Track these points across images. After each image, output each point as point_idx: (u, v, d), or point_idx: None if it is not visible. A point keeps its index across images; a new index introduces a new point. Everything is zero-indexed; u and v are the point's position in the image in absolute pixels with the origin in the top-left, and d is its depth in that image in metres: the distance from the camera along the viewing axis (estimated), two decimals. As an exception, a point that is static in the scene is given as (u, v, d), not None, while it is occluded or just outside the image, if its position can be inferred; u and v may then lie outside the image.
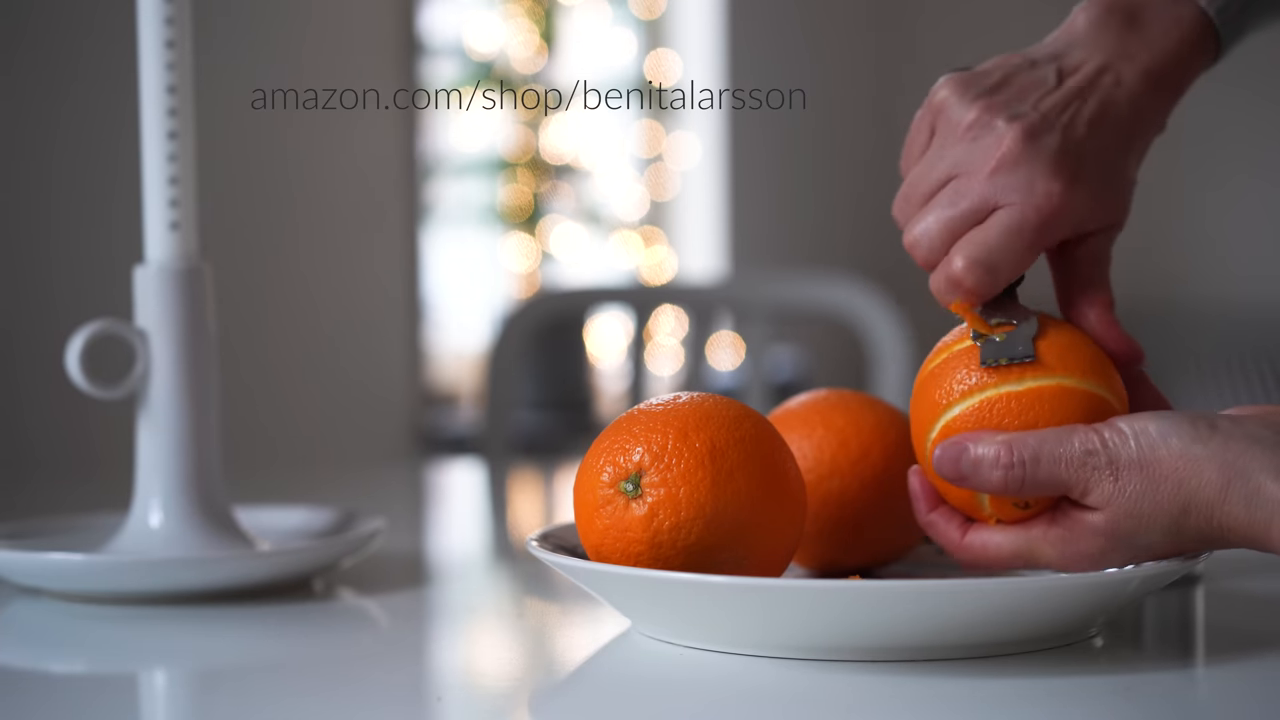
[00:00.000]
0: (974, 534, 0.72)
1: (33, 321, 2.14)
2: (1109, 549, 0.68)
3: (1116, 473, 0.67)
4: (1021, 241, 0.71)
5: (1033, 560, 0.71)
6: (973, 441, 0.69)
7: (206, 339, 0.88)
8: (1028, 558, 0.71)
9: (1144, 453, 0.67)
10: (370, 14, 2.87)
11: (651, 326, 2.10)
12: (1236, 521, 0.66)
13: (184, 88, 0.87)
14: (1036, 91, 0.74)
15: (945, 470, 0.70)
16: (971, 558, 0.72)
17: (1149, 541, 0.68)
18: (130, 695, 0.70)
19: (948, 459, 0.70)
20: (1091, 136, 0.73)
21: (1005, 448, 0.68)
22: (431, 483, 1.62)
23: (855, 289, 1.85)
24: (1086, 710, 0.63)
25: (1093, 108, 0.74)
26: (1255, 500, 0.65)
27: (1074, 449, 0.68)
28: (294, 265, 2.69)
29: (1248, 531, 0.66)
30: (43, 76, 2.17)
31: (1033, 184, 0.71)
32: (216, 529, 0.87)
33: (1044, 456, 0.68)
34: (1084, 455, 0.67)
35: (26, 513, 0.99)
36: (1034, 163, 0.71)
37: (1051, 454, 0.68)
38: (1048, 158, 0.72)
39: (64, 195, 2.22)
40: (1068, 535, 0.69)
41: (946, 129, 0.74)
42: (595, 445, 0.73)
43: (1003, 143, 0.72)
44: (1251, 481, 0.65)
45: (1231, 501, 0.65)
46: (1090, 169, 0.72)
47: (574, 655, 0.77)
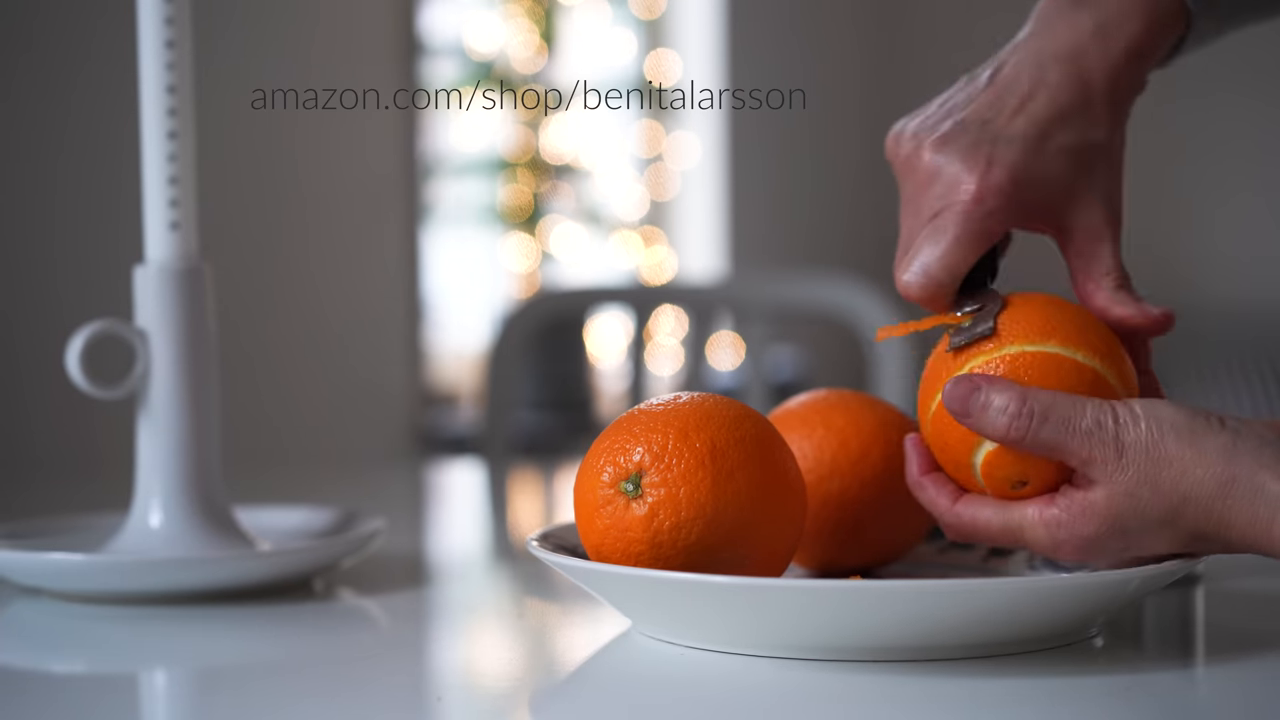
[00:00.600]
0: (965, 504, 0.72)
1: (33, 321, 2.14)
2: (1102, 535, 0.68)
3: (1122, 450, 0.67)
4: (947, 237, 0.73)
5: (1020, 539, 0.70)
6: (987, 383, 0.69)
7: (206, 339, 0.88)
8: (1016, 535, 0.70)
9: (1152, 436, 0.67)
10: (370, 14, 2.87)
11: (651, 326, 2.10)
12: (1237, 518, 0.66)
13: (184, 88, 0.87)
14: (964, 103, 0.76)
15: (954, 405, 0.70)
16: (959, 527, 0.72)
17: (1142, 530, 0.67)
18: (130, 695, 0.70)
19: (958, 395, 0.70)
20: (1016, 120, 0.74)
21: (1019, 397, 0.68)
22: (431, 483, 1.62)
23: (855, 289, 1.85)
24: (1086, 710, 0.63)
25: (1021, 92, 0.75)
26: (1259, 498, 0.65)
27: (1085, 417, 0.68)
28: (294, 265, 2.69)
29: (1248, 529, 0.65)
30: (43, 77, 2.17)
31: (948, 184, 0.74)
32: (216, 529, 0.87)
33: (1053, 416, 0.68)
34: (1094, 425, 0.67)
35: (26, 513, 0.99)
36: (949, 166, 0.74)
37: (1062, 416, 0.68)
38: (960, 156, 0.74)
39: (64, 195, 2.22)
40: (1062, 518, 0.68)
41: (900, 176, 0.77)
42: (595, 445, 0.73)
43: (923, 162, 0.75)
44: (1256, 479, 0.65)
45: (1234, 498, 0.65)
46: (1011, 151, 0.74)
47: (574, 655, 0.77)
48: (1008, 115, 0.75)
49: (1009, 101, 0.75)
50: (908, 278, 0.74)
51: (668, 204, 3.84)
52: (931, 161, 0.74)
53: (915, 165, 0.75)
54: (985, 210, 0.73)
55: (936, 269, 0.73)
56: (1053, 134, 0.75)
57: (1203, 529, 0.67)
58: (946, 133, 0.75)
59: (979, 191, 0.73)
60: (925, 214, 0.74)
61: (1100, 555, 0.69)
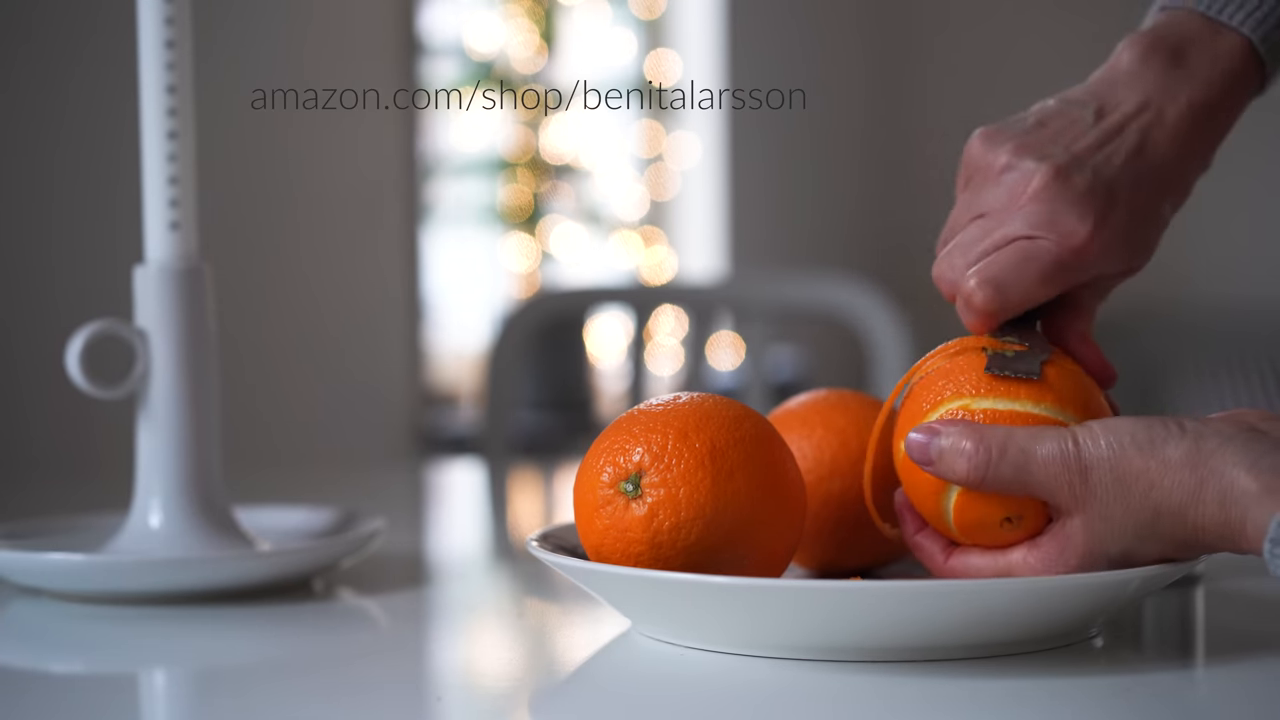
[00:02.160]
0: (957, 557, 0.72)
1: (33, 321, 2.14)
2: (1086, 565, 0.67)
3: (1086, 474, 0.66)
4: (1035, 268, 0.71)
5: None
6: (945, 427, 0.68)
7: (206, 339, 0.88)
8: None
9: (1114, 453, 0.66)
10: (370, 14, 2.87)
11: (651, 326, 2.10)
12: (1210, 521, 0.65)
13: (184, 88, 0.87)
14: (1071, 132, 0.74)
15: (915, 453, 0.69)
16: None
17: (1124, 550, 0.67)
18: (130, 695, 0.70)
19: (918, 444, 0.69)
20: (1125, 176, 0.73)
21: (974, 435, 0.67)
22: (431, 483, 1.62)
23: (855, 289, 1.85)
24: (1086, 710, 0.63)
25: (1130, 146, 0.74)
26: (1229, 497, 0.64)
27: (1043, 444, 0.67)
28: (294, 265, 2.69)
29: (1222, 530, 0.65)
30: (43, 76, 2.17)
31: (1057, 220, 0.71)
32: (216, 529, 0.87)
33: (1011, 448, 0.67)
34: (1054, 450, 0.66)
35: (26, 513, 0.99)
36: (1061, 200, 0.71)
37: (1019, 447, 0.67)
38: (1076, 196, 0.72)
39: (64, 195, 2.22)
40: (1048, 557, 0.68)
41: (980, 176, 0.75)
42: (595, 445, 0.73)
43: (1031, 180, 0.72)
44: (1225, 478, 0.64)
45: (1205, 501, 0.65)
46: (1120, 211, 0.72)
47: (574, 655, 0.77)
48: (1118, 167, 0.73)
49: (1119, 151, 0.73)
50: (975, 286, 0.71)
51: (668, 204, 3.84)
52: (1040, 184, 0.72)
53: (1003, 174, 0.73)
54: (1081, 263, 0.72)
55: (1015, 295, 0.71)
56: (1159, 209, 0.74)
57: (1180, 537, 0.66)
58: (1064, 165, 0.72)
59: (1085, 244, 0.71)
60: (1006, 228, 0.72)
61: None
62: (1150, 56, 0.76)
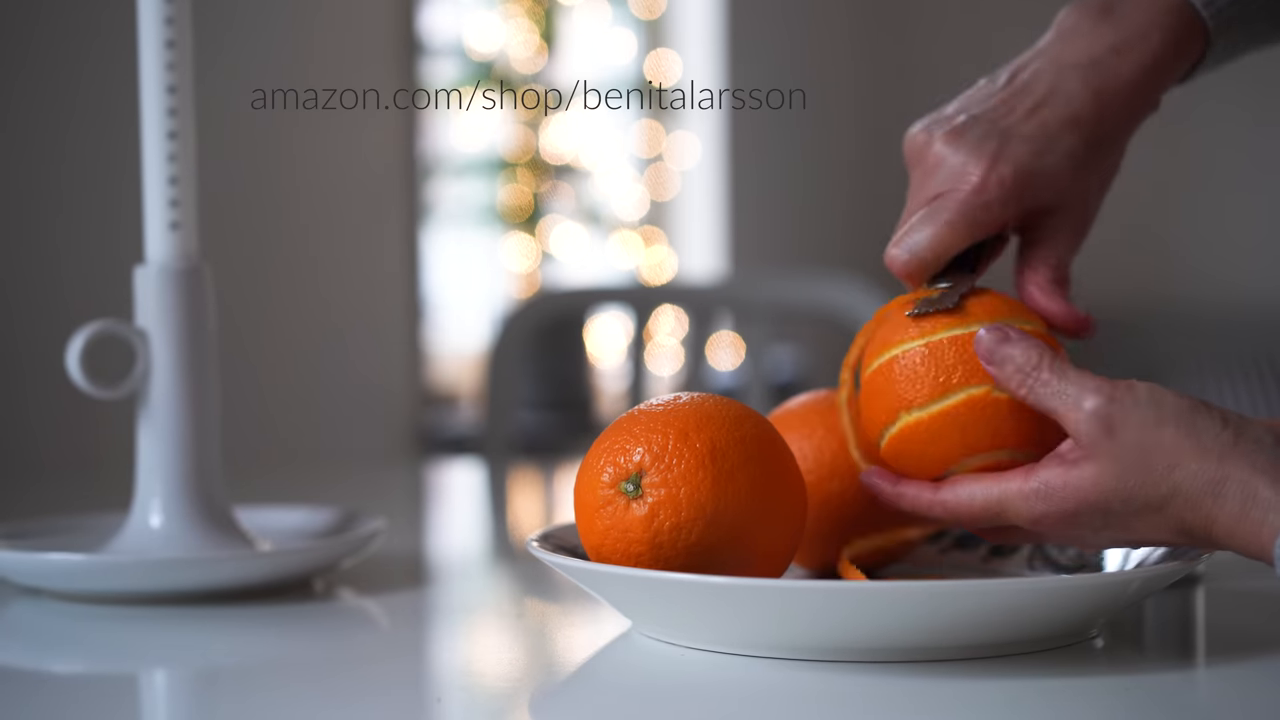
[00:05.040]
0: (948, 488, 0.72)
1: (33, 321, 2.14)
2: (1083, 512, 0.67)
3: (1113, 430, 0.67)
4: (942, 219, 0.75)
5: (1003, 515, 0.70)
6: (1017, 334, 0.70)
7: (206, 339, 0.88)
8: (998, 512, 0.70)
9: (1147, 423, 0.66)
10: (370, 14, 2.87)
11: (651, 326, 2.10)
12: (1228, 516, 0.65)
13: (184, 88, 0.87)
14: (979, 101, 0.78)
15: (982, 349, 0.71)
16: (946, 511, 0.71)
17: (1126, 514, 0.67)
18: (130, 695, 0.70)
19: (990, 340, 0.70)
20: (1028, 120, 0.77)
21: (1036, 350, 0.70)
22: (431, 483, 1.62)
23: (855, 289, 1.85)
24: (1086, 710, 0.63)
25: (1037, 95, 0.77)
26: (1251, 501, 0.65)
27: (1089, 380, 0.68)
28: (294, 265, 2.69)
29: (1236, 527, 0.65)
30: (43, 77, 2.17)
31: (954, 172, 0.76)
32: (216, 529, 0.87)
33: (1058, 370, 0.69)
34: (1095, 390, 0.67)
35: (26, 513, 0.99)
36: (955, 156, 0.76)
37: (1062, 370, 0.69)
38: (970, 147, 0.76)
39: (64, 195, 2.22)
40: (1044, 491, 0.68)
41: (919, 170, 0.79)
42: (595, 445, 0.73)
43: (932, 151, 0.77)
44: (1250, 483, 0.65)
45: (1225, 497, 0.65)
46: (1016, 147, 0.76)
47: (574, 655, 0.77)
48: (1020, 115, 0.77)
49: (1023, 102, 0.77)
50: (895, 251, 0.76)
51: (668, 204, 3.84)
52: (940, 151, 0.77)
53: (925, 155, 0.78)
54: (983, 200, 0.75)
55: (924, 247, 0.76)
56: (1062, 138, 0.76)
57: (1188, 522, 0.66)
58: (959, 126, 0.77)
59: (981, 182, 0.75)
60: (926, 198, 0.77)
61: (1080, 530, 0.68)
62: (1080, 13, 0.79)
